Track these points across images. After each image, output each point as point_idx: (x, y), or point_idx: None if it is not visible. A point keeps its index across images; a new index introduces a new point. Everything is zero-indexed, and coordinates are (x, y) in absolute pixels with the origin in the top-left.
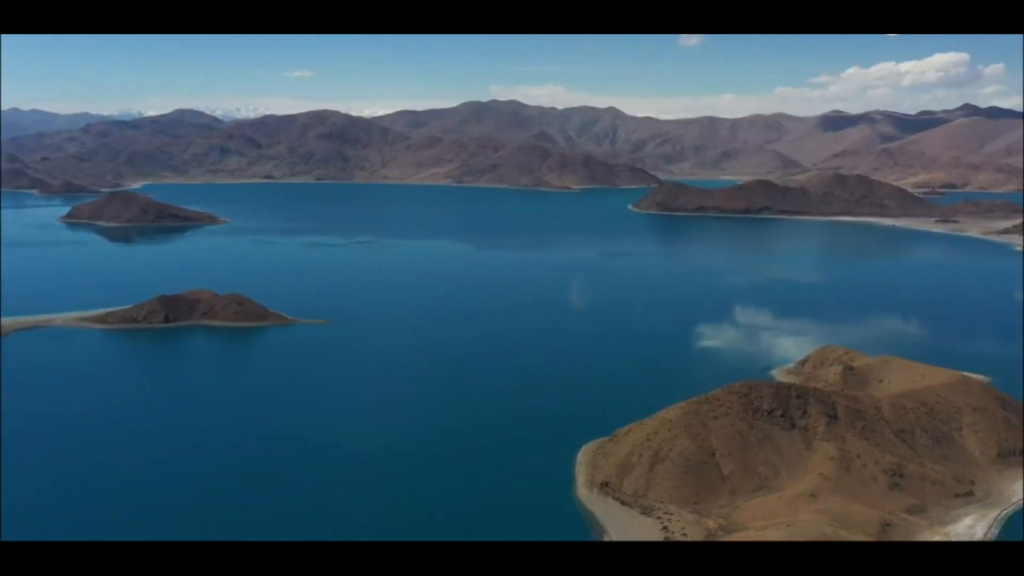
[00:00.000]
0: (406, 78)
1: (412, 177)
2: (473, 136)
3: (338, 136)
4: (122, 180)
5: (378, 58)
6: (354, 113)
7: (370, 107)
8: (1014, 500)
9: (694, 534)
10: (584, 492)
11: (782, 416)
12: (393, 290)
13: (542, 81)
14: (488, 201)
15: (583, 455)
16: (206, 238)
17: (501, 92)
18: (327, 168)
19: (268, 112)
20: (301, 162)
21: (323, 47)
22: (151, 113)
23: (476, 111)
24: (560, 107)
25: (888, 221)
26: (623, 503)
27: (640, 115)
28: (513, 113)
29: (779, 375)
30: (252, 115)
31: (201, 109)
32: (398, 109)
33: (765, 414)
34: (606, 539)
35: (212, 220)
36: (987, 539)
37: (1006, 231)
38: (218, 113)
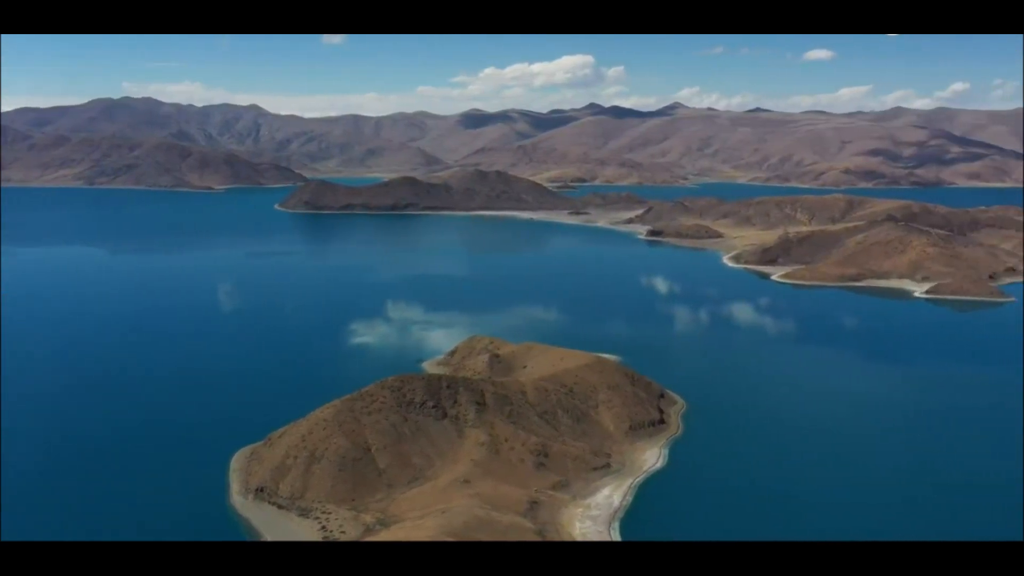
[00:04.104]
0: (26, 73)
1: (37, 179)
2: (106, 135)
3: None
4: None
5: None
6: None
7: None
8: (645, 468)
9: (352, 531)
10: (239, 499)
11: (434, 407)
12: (16, 300)
13: (178, 78)
14: (124, 203)
15: (236, 461)
16: None
17: (134, 89)
18: None
19: None
20: None
21: None
22: None
23: (108, 109)
24: (199, 104)
25: (526, 214)
26: (280, 507)
27: (284, 113)
28: (148, 111)
29: (430, 367)
30: None
31: None
32: (18, 106)
33: (418, 406)
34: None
35: None
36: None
37: (630, 221)
38: None
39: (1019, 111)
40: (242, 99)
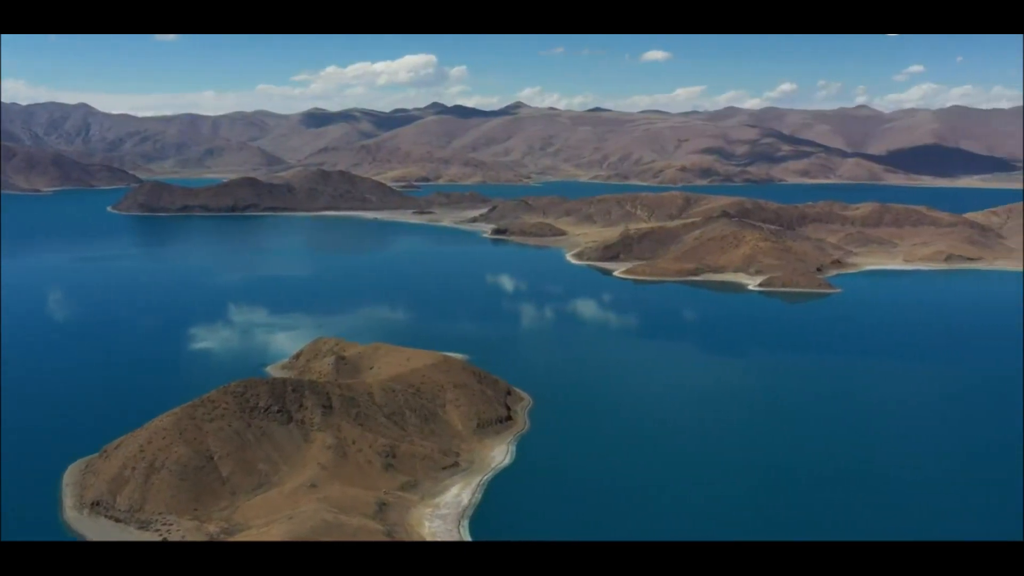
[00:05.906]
0: None
1: None
2: None
3: None
4: None
5: None
6: None
7: None
8: (493, 465)
9: (195, 540)
10: (73, 515)
11: (279, 411)
12: None
13: None
14: None
15: (69, 475)
16: None
17: None
18: None
19: None
20: None
21: None
22: None
23: None
24: (23, 103)
25: (370, 214)
26: (118, 520)
27: (115, 112)
28: None
29: (274, 371)
30: None
31: None
32: None
33: (262, 411)
34: None
35: None
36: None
37: (474, 220)
38: None
39: (841, 111)
40: (69, 97)
